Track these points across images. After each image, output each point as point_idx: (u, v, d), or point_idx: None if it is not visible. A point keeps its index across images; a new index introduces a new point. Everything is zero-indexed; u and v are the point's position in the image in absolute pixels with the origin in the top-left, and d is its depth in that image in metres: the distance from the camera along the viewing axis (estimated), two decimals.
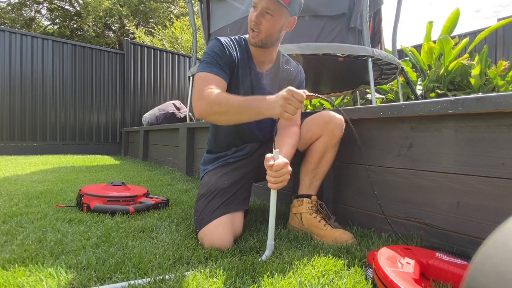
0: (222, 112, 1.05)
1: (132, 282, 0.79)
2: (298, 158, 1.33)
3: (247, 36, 1.28)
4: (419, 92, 3.53)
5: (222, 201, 1.17)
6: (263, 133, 1.38)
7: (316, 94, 1.10)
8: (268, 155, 0.99)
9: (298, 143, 1.28)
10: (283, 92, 0.99)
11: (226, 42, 1.20)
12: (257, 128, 1.35)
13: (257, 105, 1.02)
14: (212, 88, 1.08)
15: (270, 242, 1.02)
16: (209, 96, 1.05)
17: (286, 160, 0.99)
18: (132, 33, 10.80)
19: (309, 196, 1.27)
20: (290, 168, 0.99)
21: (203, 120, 1.28)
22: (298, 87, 1.32)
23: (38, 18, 13.36)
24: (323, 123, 1.25)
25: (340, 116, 1.26)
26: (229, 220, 1.12)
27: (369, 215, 1.33)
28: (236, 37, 1.28)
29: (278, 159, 0.98)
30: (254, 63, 1.26)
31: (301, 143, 1.28)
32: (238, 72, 1.23)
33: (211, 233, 1.08)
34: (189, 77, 3.59)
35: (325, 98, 1.15)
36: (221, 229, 1.09)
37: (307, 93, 1.01)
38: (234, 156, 1.36)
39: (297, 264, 0.93)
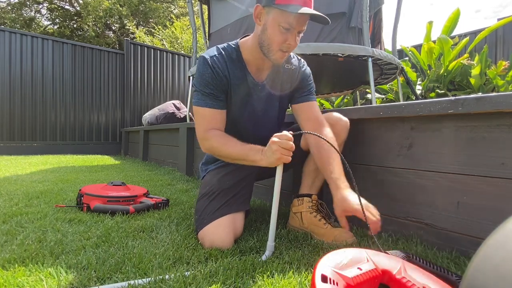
0: (222, 157, 1.14)
1: (132, 282, 0.79)
2: (303, 158, 1.33)
3: (238, 41, 1.19)
4: (419, 92, 3.53)
5: (223, 202, 1.16)
6: (263, 136, 1.34)
7: (300, 131, 1.05)
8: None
9: (302, 142, 1.28)
10: (269, 145, 0.96)
11: (215, 62, 1.11)
12: (256, 133, 1.30)
13: (253, 156, 1.02)
14: (213, 127, 1.12)
15: (271, 243, 1.02)
16: (211, 140, 1.10)
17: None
18: (132, 33, 10.80)
19: (309, 196, 1.27)
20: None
21: None
22: (303, 87, 1.26)
23: (38, 18, 13.35)
24: (329, 124, 1.21)
25: (346, 119, 1.25)
26: (230, 221, 1.12)
27: None
28: (226, 46, 1.16)
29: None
30: (250, 73, 1.17)
31: (305, 142, 1.28)
32: (232, 90, 1.16)
33: (212, 234, 1.08)
34: (189, 77, 3.59)
35: (314, 134, 1.03)
36: (222, 230, 1.08)
37: (292, 133, 0.97)
38: None
39: (297, 264, 0.93)
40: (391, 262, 0.72)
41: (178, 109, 5.01)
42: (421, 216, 1.15)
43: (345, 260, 0.71)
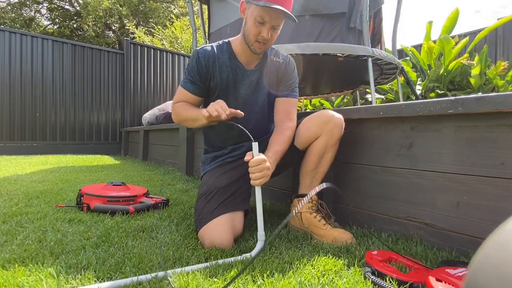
0: (183, 119, 1.28)
1: (132, 279, 0.79)
2: (299, 158, 1.33)
3: (231, 39, 1.32)
4: (419, 92, 3.53)
5: (221, 201, 1.18)
6: (252, 118, 1.34)
7: (239, 126, 1.13)
8: (249, 152, 1.07)
9: (298, 142, 1.28)
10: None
11: (203, 51, 1.26)
12: (245, 115, 1.30)
13: (200, 113, 1.16)
14: (181, 101, 1.29)
15: (261, 239, 1.04)
16: (178, 107, 1.29)
17: (263, 157, 1.06)
18: (132, 33, 10.79)
19: None
20: (268, 164, 1.06)
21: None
22: (286, 81, 1.35)
23: (38, 18, 13.34)
24: (322, 122, 1.24)
25: (339, 115, 1.25)
26: (228, 220, 1.13)
27: (369, 215, 1.33)
28: (220, 42, 1.32)
29: (256, 156, 1.06)
30: (239, 62, 1.29)
31: (300, 142, 1.29)
32: (218, 74, 1.27)
33: (211, 232, 1.09)
34: None
35: (236, 124, 1.15)
36: (221, 228, 1.09)
37: (232, 111, 1.12)
38: (232, 155, 1.37)
39: (297, 264, 0.93)
40: None
41: None
42: (421, 216, 1.15)
43: None
